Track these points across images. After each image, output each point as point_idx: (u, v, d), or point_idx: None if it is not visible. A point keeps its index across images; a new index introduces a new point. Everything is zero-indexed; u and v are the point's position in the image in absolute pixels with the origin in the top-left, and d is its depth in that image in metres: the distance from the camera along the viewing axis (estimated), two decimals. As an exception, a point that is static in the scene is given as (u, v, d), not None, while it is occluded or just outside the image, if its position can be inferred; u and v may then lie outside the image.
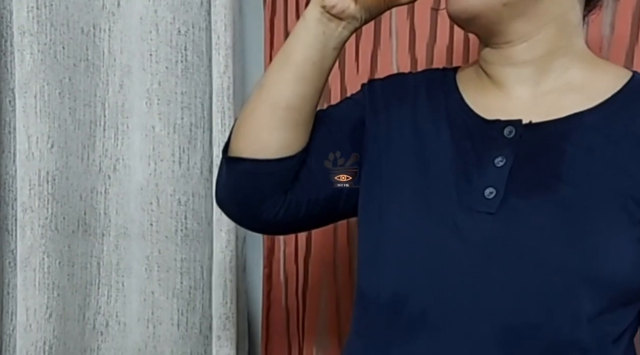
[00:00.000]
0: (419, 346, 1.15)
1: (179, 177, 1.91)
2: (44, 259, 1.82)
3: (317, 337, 1.88)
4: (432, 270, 1.15)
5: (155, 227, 1.91)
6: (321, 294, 1.86)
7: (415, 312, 1.16)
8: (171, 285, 1.91)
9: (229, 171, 1.30)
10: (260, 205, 1.30)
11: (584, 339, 1.10)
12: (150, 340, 1.91)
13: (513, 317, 1.10)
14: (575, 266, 1.08)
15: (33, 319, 1.81)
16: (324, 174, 1.32)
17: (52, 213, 1.83)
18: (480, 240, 1.12)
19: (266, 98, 1.25)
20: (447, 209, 1.17)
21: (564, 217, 1.10)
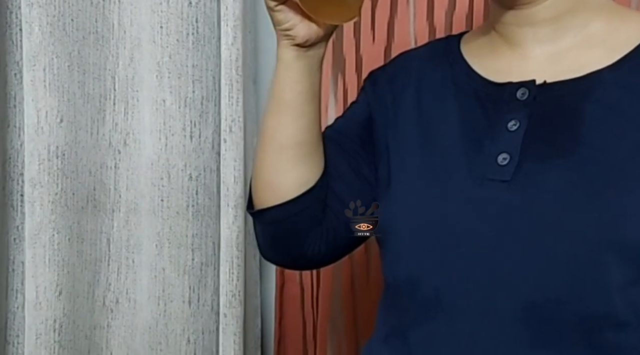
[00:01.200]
0: (435, 329, 1.12)
1: (190, 152, 1.88)
2: (54, 235, 1.80)
3: (331, 316, 1.86)
4: (443, 248, 1.12)
5: (166, 203, 1.88)
6: (335, 272, 1.84)
7: (429, 294, 1.13)
8: (182, 261, 1.89)
9: (259, 225, 1.31)
10: (301, 245, 1.30)
11: (617, 312, 1.04)
12: (160, 318, 1.89)
13: (535, 292, 1.05)
14: (600, 233, 1.02)
15: (43, 296, 1.79)
16: (351, 191, 1.30)
17: (62, 189, 1.80)
18: (494, 211, 1.08)
19: (270, 144, 1.25)
20: (457, 181, 1.13)
21: (585, 180, 1.05)
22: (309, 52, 1.20)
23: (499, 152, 1.11)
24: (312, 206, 1.27)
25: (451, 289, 1.10)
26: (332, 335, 1.86)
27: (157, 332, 1.89)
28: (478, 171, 1.12)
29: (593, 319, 1.04)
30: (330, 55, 1.79)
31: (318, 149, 1.27)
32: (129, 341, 1.91)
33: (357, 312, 1.83)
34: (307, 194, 1.25)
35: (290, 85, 1.22)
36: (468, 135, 1.16)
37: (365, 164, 1.30)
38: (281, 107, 1.24)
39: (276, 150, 1.25)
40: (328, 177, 1.28)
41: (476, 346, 1.08)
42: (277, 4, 1.16)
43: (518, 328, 1.05)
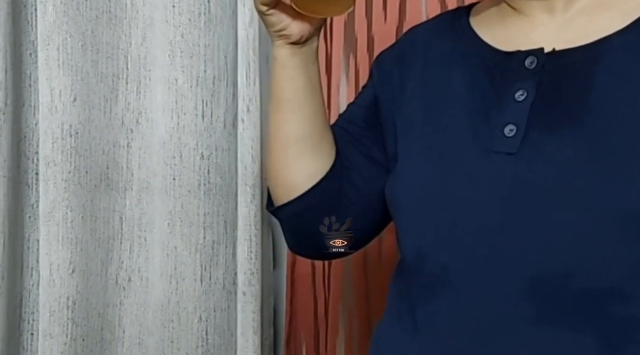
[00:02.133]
0: (442, 306, 1.12)
1: (202, 131, 1.89)
2: (68, 213, 1.82)
3: (343, 293, 1.87)
4: (449, 224, 1.12)
5: (178, 182, 1.89)
6: (347, 250, 1.85)
7: (435, 270, 1.13)
8: (194, 240, 1.90)
9: (281, 222, 1.33)
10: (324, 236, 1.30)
11: (623, 286, 1.04)
12: (173, 296, 1.90)
13: (541, 267, 1.05)
14: (608, 204, 1.02)
15: (57, 274, 1.81)
16: (366, 176, 1.30)
17: (76, 167, 1.82)
18: (500, 185, 1.08)
19: (276, 142, 1.27)
20: (462, 155, 1.13)
21: (594, 150, 1.04)
22: (304, 48, 1.21)
23: (506, 123, 1.10)
24: (324, 198, 1.27)
25: (457, 265, 1.11)
26: (344, 314, 1.87)
27: (170, 310, 1.90)
28: (484, 144, 1.11)
29: (599, 293, 1.04)
30: (342, 35, 1.80)
31: (324, 141, 1.27)
32: (141, 319, 1.92)
33: (369, 290, 1.84)
34: (317, 187, 1.26)
35: (288, 82, 1.23)
36: (475, 107, 1.15)
37: (375, 147, 1.30)
38: (282, 104, 1.25)
39: (282, 147, 1.26)
40: (341, 167, 1.28)
41: (482, 322, 1.08)
42: (269, 9, 1.16)
43: (524, 303, 1.05)
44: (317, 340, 1.91)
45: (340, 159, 1.28)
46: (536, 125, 1.08)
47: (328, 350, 1.88)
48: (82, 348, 1.84)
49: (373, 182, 1.29)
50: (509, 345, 1.06)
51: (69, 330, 1.81)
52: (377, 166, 1.29)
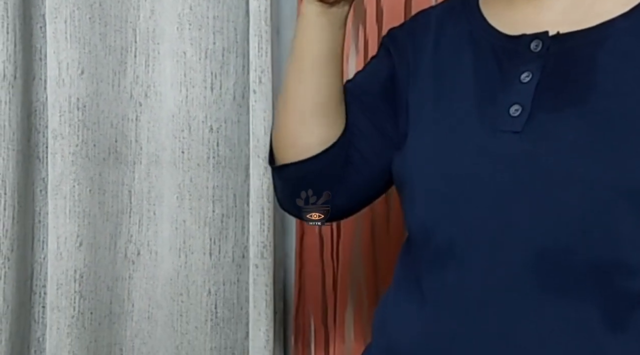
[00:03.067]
0: (448, 277, 1.14)
1: (210, 104, 1.89)
2: (75, 186, 1.82)
3: (351, 266, 1.87)
4: (456, 197, 1.14)
5: (187, 155, 1.90)
6: (355, 222, 1.85)
7: (442, 243, 1.15)
8: (203, 213, 1.90)
9: (280, 180, 1.32)
10: None
11: (627, 259, 1.07)
12: (182, 269, 1.91)
13: (546, 241, 1.07)
14: (611, 180, 1.05)
15: (64, 247, 1.82)
16: (373, 145, 1.30)
17: (83, 140, 1.83)
18: (506, 162, 1.10)
19: (292, 104, 1.26)
20: (469, 132, 1.15)
21: (598, 129, 1.06)
22: (333, 8, 1.20)
23: (511, 103, 1.12)
24: (332, 163, 1.27)
25: (463, 238, 1.13)
26: (352, 286, 1.87)
27: (178, 284, 1.91)
28: (490, 123, 1.13)
29: (603, 266, 1.06)
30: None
31: (339, 108, 1.27)
32: (150, 292, 1.93)
33: (377, 262, 1.84)
34: (327, 152, 1.25)
35: (312, 43, 1.23)
36: (481, 88, 1.17)
37: (387, 121, 1.30)
38: (303, 67, 1.24)
39: (298, 110, 1.26)
40: (349, 133, 1.28)
41: (487, 294, 1.10)
42: None
43: (529, 276, 1.08)
44: (325, 312, 1.91)
45: (350, 126, 1.28)
46: (541, 106, 1.11)
47: (336, 322, 1.89)
48: (89, 321, 1.86)
49: (380, 154, 1.29)
50: (512, 316, 1.09)
51: (76, 303, 1.82)
52: (386, 139, 1.30)
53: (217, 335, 1.92)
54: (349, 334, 1.86)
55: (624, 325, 1.07)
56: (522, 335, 1.08)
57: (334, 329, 1.90)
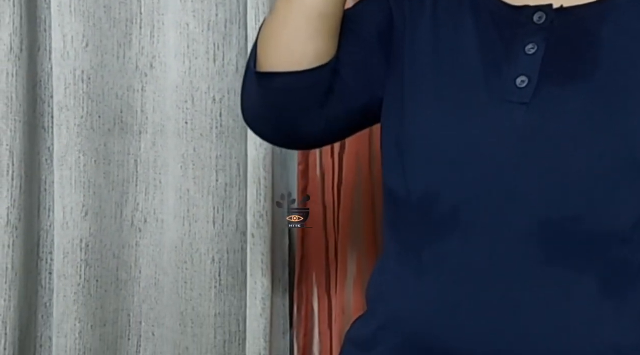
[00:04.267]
0: (451, 246, 1.15)
1: (213, 75, 1.90)
2: (80, 157, 1.86)
3: (352, 235, 1.88)
4: (462, 165, 1.14)
5: (190, 125, 1.91)
6: (355, 190, 1.87)
7: (446, 211, 1.15)
8: (206, 182, 1.92)
9: (261, 89, 1.24)
10: (298, 121, 1.26)
11: (627, 231, 1.09)
12: (186, 237, 1.93)
13: (551, 210, 1.08)
14: (615, 152, 1.07)
15: (69, 216, 1.86)
16: (358, 81, 1.28)
17: (88, 112, 1.86)
18: (513, 132, 1.11)
19: (298, 8, 1.19)
20: (476, 101, 1.15)
21: (602, 102, 1.08)
22: None
23: (518, 74, 1.13)
24: (319, 83, 1.23)
25: (468, 206, 1.13)
26: (353, 256, 1.89)
27: (183, 251, 1.93)
28: (496, 93, 1.14)
29: (605, 236, 1.08)
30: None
31: (337, 28, 1.24)
32: (157, 259, 1.96)
33: (378, 230, 1.84)
34: (321, 68, 1.21)
35: None
36: (486, 57, 1.17)
37: (378, 63, 1.28)
38: None
39: (302, 17, 1.19)
40: (338, 61, 1.25)
41: (491, 263, 1.11)
42: None
43: (532, 245, 1.09)
44: (327, 280, 1.92)
45: (341, 54, 1.25)
46: (547, 77, 1.11)
47: (338, 291, 1.90)
48: (95, 288, 1.89)
49: (363, 90, 1.28)
50: (516, 285, 1.10)
51: (82, 270, 1.86)
52: (373, 77, 1.28)
53: (220, 302, 1.93)
54: (348, 303, 1.87)
55: (622, 296, 1.10)
56: (523, 304, 1.10)
57: (336, 297, 1.91)
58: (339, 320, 1.88)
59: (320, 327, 1.93)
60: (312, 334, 1.94)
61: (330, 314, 1.92)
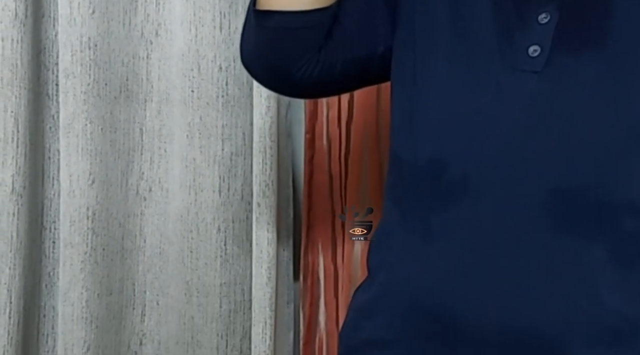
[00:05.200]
0: (460, 212, 1.14)
1: (219, 43, 1.89)
2: (87, 125, 1.85)
3: (360, 203, 1.88)
4: (473, 132, 1.14)
5: (196, 94, 1.91)
6: (363, 159, 1.87)
7: (456, 177, 1.15)
8: (212, 151, 1.92)
9: (259, 28, 1.26)
10: (294, 63, 1.28)
11: (636, 201, 1.08)
12: (192, 207, 1.93)
13: (561, 179, 1.08)
14: (626, 122, 1.07)
15: (76, 185, 1.85)
16: (358, 31, 1.29)
17: (94, 79, 1.84)
18: (525, 101, 1.11)
19: None
20: (488, 69, 1.15)
21: (614, 72, 1.08)
22: None
23: (530, 44, 1.13)
24: (318, 27, 1.25)
25: (479, 173, 1.13)
26: (360, 224, 1.89)
27: (189, 221, 1.93)
28: (509, 61, 1.14)
29: (614, 206, 1.08)
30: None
31: None
32: (162, 229, 1.96)
33: (385, 199, 1.85)
34: (320, 12, 1.23)
35: None
36: (500, 26, 1.17)
37: (382, 20, 1.29)
38: None
39: None
40: (340, 9, 1.27)
41: (499, 231, 1.11)
42: None
43: (541, 214, 1.09)
44: (334, 250, 1.93)
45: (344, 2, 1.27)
46: (559, 47, 1.11)
47: (345, 261, 1.91)
48: (102, 257, 1.89)
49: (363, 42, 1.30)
50: (524, 253, 1.10)
51: (88, 239, 1.86)
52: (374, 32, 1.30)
53: (226, 271, 1.94)
54: (356, 273, 1.87)
55: (630, 266, 1.09)
56: (531, 272, 1.10)
57: (343, 266, 1.92)
58: (346, 290, 1.89)
59: (327, 296, 1.94)
60: (318, 303, 1.95)
61: (337, 284, 1.93)
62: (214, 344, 1.96)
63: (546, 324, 1.09)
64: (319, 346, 1.95)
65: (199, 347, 1.96)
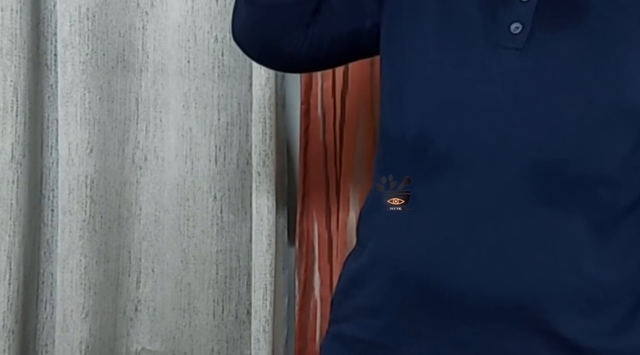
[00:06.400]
0: (445, 184, 1.19)
1: (215, 15, 1.91)
2: (85, 94, 1.86)
3: (354, 173, 1.91)
4: (458, 107, 1.18)
5: (193, 64, 1.93)
6: (358, 129, 1.90)
7: (441, 151, 1.19)
8: (208, 121, 1.94)
9: (248, 5, 1.32)
10: (283, 39, 1.33)
11: (613, 174, 1.14)
12: (188, 175, 1.96)
13: (542, 152, 1.13)
14: (605, 98, 1.12)
15: (75, 153, 1.87)
16: (345, 7, 1.34)
17: (92, 49, 1.86)
18: (507, 77, 1.16)
19: None
20: (472, 45, 1.19)
21: (594, 49, 1.13)
22: None
23: (512, 21, 1.17)
24: (308, 2, 1.31)
25: (463, 147, 1.18)
26: (355, 192, 1.92)
27: (185, 189, 1.96)
28: (492, 38, 1.18)
29: (592, 179, 1.14)
30: None
31: None
32: (157, 197, 1.98)
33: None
34: None
35: None
36: (483, 4, 1.21)
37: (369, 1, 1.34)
38: None
39: None
40: None
41: (483, 202, 1.16)
42: None
43: (523, 186, 1.14)
44: (328, 217, 1.96)
45: None
46: (540, 25, 1.16)
47: (339, 227, 1.94)
48: (100, 224, 1.91)
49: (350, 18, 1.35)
50: (506, 224, 1.15)
51: (87, 207, 1.88)
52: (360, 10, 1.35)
53: (222, 238, 1.97)
54: (350, 240, 1.90)
55: (608, 235, 1.15)
56: (513, 242, 1.15)
57: (337, 233, 1.95)
58: (340, 256, 1.91)
59: (321, 262, 1.97)
60: (312, 269, 1.97)
61: (331, 250, 1.96)
62: (210, 310, 1.99)
63: (526, 292, 1.15)
64: (313, 311, 1.98)
65: (195, 312, 1.99)
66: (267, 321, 1.86)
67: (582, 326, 1.15)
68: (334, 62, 1.48)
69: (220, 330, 1.99)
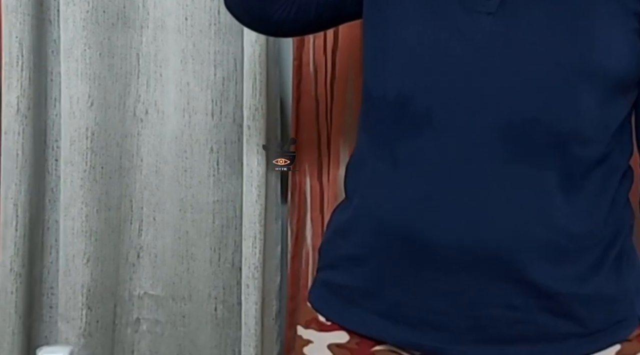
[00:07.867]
0: (424, 142, 1.25)
1: (212, -26, 1.96)
2: (86, 50, 1.93)
3: (344, 128, 1.96)
4: (436, 70, 1.24)
5: (190, 21, 1.97)
6: (348, 85, 1.94)
7: (420, 110, 1.25)
8: (205, 76, 1.99)
9: None
10: (271, 6, 1.40)
11: (584, 130, 1.21)
12: (186, 129, 2.01)
13: (514, 112, 1.20)
14: (573, 60, 1.18)
15: (76, 107, 1.94)
16: None
17: (93, 6, 1.92)
18: (482, 40, 1.21)
19: None
20: (450, 12, 1.25)
21: (561, 13, 1.19)
22: None
23: None
24: None
25: (440, 107, 1.24)
26: (345, 147, 1.97)
27: (183, 142, 2.02)
28: (467, 3, 1.24)
29: (563, 136, 1.20)
30: None
31: None
32: (157, 149, 2.04)
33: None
34: None
35: None
36: None
37: None
38: None
39: None
40: None
41: (459, 160, 1.22)
42: None
43: (497, 145, 1.21)
44: (320, 170, 2.01)
45: None
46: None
47: (330, 179, 2.00)
48: (100, 174, 1.99)
49: None
50: (481, 181, 1.22)
51: (87, 158, 1.95)
52: None
53: (218, 189, 2.03)
54: (340, 191, 1.92)
55: (577, 189, 1.22)
56: (488, 197, 1.21)
57: (328, 186, 2.00)
58: (331, 208, 1.90)
59: (312, 213, 2.02)
60: (304, 220, 2.03)
61: (322, 202, 2.01)
62: (207, 257, 2.05)
63: (500, 242, 1.21)
64: (305, 260, 2.03)
65: (193, 259, 2.05)
66: (256, 268, 1.92)
67: (552, 273, 1.22)
68: (321, 26, 1.54)
69: (217, 277, 2.06)
